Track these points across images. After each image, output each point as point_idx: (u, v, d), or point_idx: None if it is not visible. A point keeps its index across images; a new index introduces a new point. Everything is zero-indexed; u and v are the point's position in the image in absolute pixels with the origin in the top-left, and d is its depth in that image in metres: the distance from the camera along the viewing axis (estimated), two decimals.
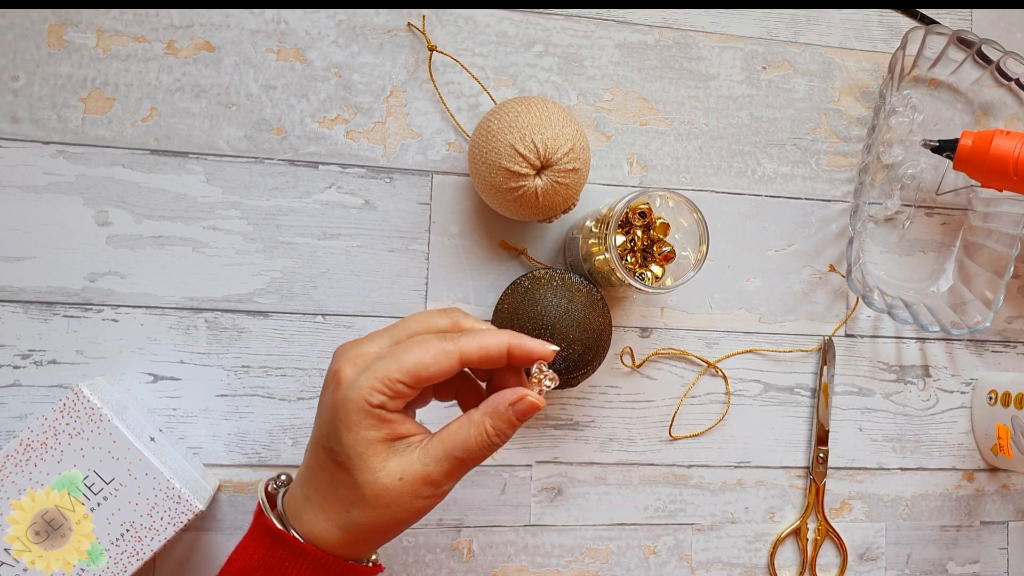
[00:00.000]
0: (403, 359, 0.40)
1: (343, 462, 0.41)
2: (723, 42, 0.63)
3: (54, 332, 0.54)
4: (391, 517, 0.41)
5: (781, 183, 0.64)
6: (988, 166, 0.60)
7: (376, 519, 0.41)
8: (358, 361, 0.41)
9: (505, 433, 0.42)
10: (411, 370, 0.40)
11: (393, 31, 0.59)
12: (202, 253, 0.56)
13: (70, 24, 0.55)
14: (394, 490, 0.41)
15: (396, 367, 0.40)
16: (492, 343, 0.42)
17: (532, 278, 0.55)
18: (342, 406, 0.40)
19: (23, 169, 0.54)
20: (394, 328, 0.43)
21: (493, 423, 0.42)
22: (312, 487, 0.43)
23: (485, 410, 0.42)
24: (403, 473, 0.41)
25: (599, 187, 0.61)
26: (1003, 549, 0.67)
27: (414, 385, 0.41)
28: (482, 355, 0.41)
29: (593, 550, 0.60)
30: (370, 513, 0.41)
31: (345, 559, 0.42)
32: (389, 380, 0.40)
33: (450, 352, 0.41)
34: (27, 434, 0.46)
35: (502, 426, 0.42)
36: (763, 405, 0.63)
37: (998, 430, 0.63)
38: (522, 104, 0.53)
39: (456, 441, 0.41)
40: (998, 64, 0.63)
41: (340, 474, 0.41)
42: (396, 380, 0.40)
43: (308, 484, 0.43)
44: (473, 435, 0.42)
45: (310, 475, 0.43)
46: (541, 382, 0.44)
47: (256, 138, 0.57)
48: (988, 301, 0.63)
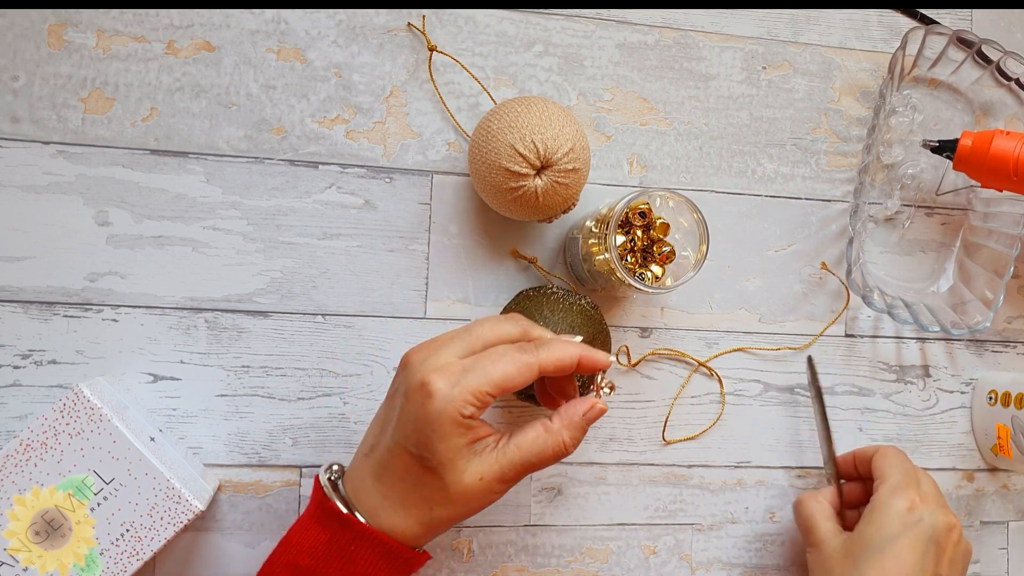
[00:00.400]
0: (491, 373, 0.44)
1: (434, 467, 0.44)
2: (723, 42, 0.63)
3: (54, 332, 0.54)
4: (467, 511, 0.45)
5: (781, 183, 0.64)
6: (988, 166, 0.60)
7: (455, 514, 0.45)
8: (446, 374, 0.44)
9: (578, 441, 0.47)
10: (499, 383, 0.44)
11: (393, 31, 0.59)
12: (202, 253, 0.56)
13: (70, 24, 0.55)
14: (475, 489, 0.44)
15: (487, 381, 0.43)
16: (567, 356, 0.46)
17: (541, 294, 0.56)
18: (437, 418, 0.43)
19: (23, 169, 0.54)
20: (467, 335, 0.46)
21: (571, 434, 0.46)
22: (391, 488, 0.45)
23: (562, 421, 0.46)
24: (483, 474, 0.44)
25: (599, 187, 0.61)
26: (1003, 549, 0.67)
27: (499, 396, 0.44)
28: (558, 366, 0.46)
29: (593, 550, 0.60)
30: (451, 510, 0.45)
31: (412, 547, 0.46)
32: (481, 393, 0.43)
33: (531, 365, 0.45)
34: (27, 434, 0.46)
35: (577, 435, 0.46)
36: (763, 405, 0.63)
37: (998, 430, 0.63)
38: (522, 104, 0.53)
39: (534, 449, 0.45)
40: (998, 64, 0.63)
41: (427, 477, 0.44)
42: (487, 393, 0.44)
43: (387, 484, 0.46)
44: (551, 444, 0.46)
45: (390, 476, 0.46)
46: (602, 389, 0.49)
47: (256, 138, 0.57)
48: (988, 301, 0.63)
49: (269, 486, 0.56)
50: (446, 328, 0.59)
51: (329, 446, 0.57)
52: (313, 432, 0.57)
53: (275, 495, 0.56)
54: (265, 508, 0.56)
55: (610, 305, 0.61)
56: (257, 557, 0.56)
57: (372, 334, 0.58)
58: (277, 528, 0.56)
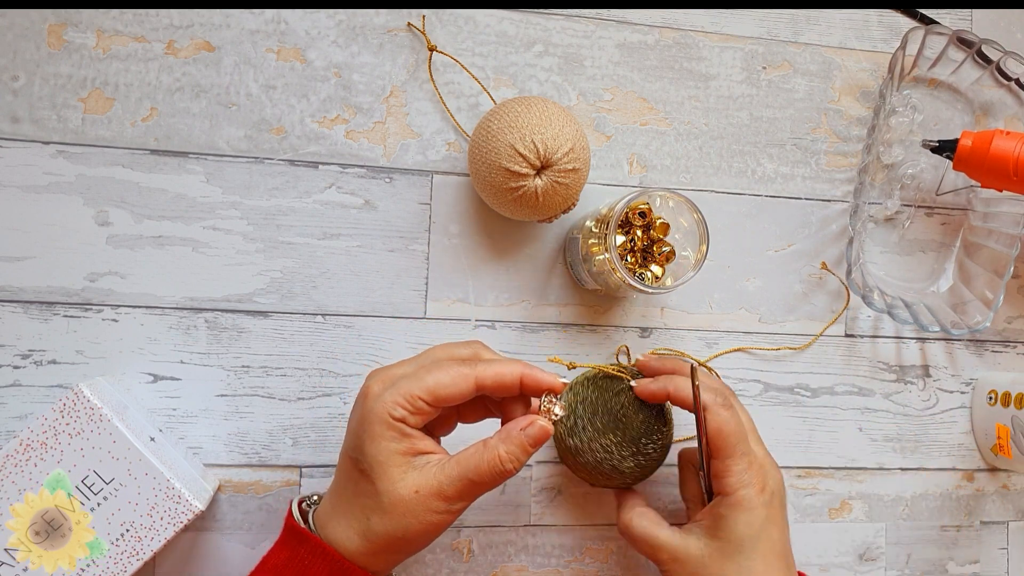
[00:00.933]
0: (424, 379, 0.44)
1: (366, 470, 0.44)
2: (723, 42, 0.63)
3: (54, 332, 0.54)
4: (406, 528, 0.44)
5: (781, 183, 0.64)
6: (988, 166, 0.60)
7: (392, 528, 0.44)
8: (385, 379, 0.46)
9: (517, 458, 0.46)
10: (431, 388, 0.44)
11: (393, 31, 0.59)
12: (202, 253, 0.56)
13: (70, 24, 0.55)
14: (410, 501, 0.44)
15: (418, 385, 0.44)
16: (506, 371, 0.46)
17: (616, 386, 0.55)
18: (367, 418, 0.44)
19: (23, 169, 0.54)
20: (420, 355, 0.48)
21: (507, 448, 0.45)
22: (338, 496, 0.46)
23: (499, 437, 0.46)
24: (419, 487, 0.44)
25: (599, 187, 0.61)
26: (1003, 549, 0.67)
27: (433, 403, 0.45)
28: (496, 381, 0.45)
29: (593, 550, 0.60)
30: (387, 522, 0.44)
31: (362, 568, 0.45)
32: (411, 396, 0.44)
33: (467, 375, 0.45)
34: (27, 434, 0.46)
35: (515, 451, 0.45)
36: (763, 405, 0.63)
37: (998, 430, 0.63)
38: (522, 104, 0.53)
39: (471, 463, 0.45)
40: (998, 64, 0.63)
41: (363, 483, 0.45)
42: (417, 396, 0.44)
43: (335, 494, 0.47)
44: (486, 459, 0.45)
45: (337, 486, 0.47)
46: (550, 411, 0.47)
47: (256, 138, 0.57)
48: (988, 301, 0.63)
49: (269, 486, 0.56)
50: (446, 328, 0.59)
51: (329, 446, 0.57)
52: (313, 432, 0.57)
53: (275, 495, 0.56)
54: (265, 508, 0.56)
55: (610, 305, 0.61)
56: (257, 557, 0.56)
57: (372, 334, 0.58)
58: (277, 528, 0.56)
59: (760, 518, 0.50)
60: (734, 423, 0.50)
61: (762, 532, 0.50)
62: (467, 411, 0.50)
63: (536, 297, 0.60)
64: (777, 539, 0.51)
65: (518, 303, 0.60)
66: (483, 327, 0.59)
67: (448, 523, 0.46)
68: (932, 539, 0.65)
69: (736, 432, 0.50)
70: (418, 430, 0.45)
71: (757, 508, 0.50)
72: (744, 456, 0.50)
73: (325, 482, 0.57)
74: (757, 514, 0.50)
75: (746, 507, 0.50)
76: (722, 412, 0.50)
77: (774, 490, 0.51)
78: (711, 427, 0.50)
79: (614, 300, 0.61)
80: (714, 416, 0.50)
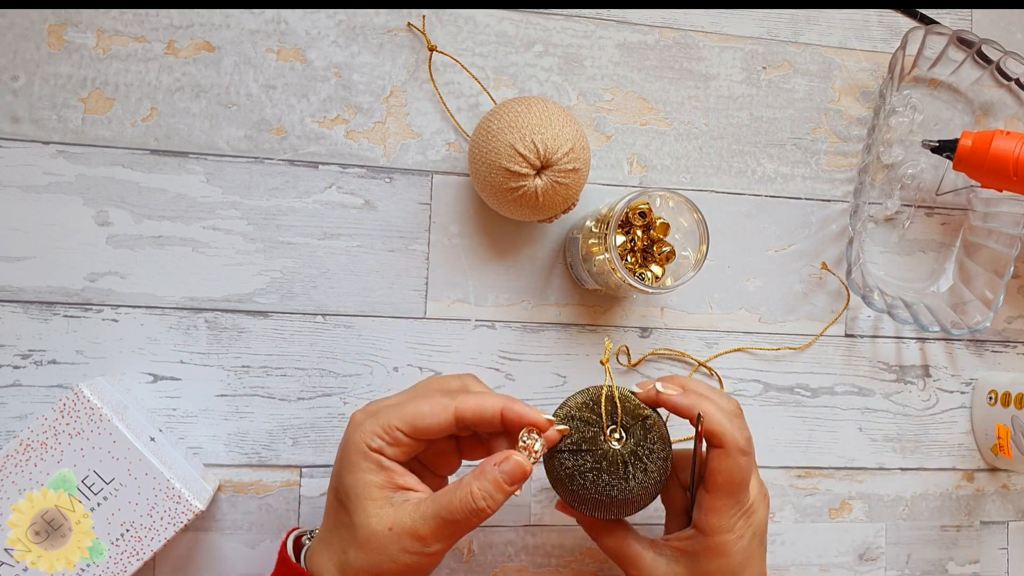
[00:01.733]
0: (404, 409, 0.43)
1: (343, 500, 0.44)
2: (723, 42, 0.63)
3: (54, 332, 0.54)
4: (379, 565, 0.43)
5: (781, 183, 0.64)
6: (988, 166, 0.60)
7: (367, 564, 0.43)
8: (369, 409, 0.45)
9: (491, 496, 0.43)
10: (409, 419, 0.43)
11: (393, 31, 0.59)
12: (202, 253, 0.56)
13: (70, 24, 0.55)
14: (383, 537, 0.42)
15: (397, 415, 0.43)
16: (487, 403, 0.44)
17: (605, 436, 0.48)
18: (346, 447, 0.44)
19: (23, 169, 0.54)
20: (412, 387, 0.47)
21: (479, 485, 0.43)
22: (323, 527, 0.46)
23: (473, 473, 0.44)
24: (393, 523, 0.42)
25: (599, 187, 0.61)
26: (1003, 549, 0.67)
27: (411, 435, 0.43)
28: (476, 413, 0.44)
29: (593, 550, 0.60)
30: (362, 557, 0.43)
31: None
32: (389, 427, 0.43)
33: (447, 406, 0.43)
34: (27, 434, 0.46)
35: (488, 487, 0.43)
36: (763, 405, 0.63)
37: (998, 430, 0.63)
38: (522, 104, 0.53)
39: (443, 501, 0.43)
40: (998, 64, 0.63)
41: (342, 514, 0.44)
42: (395, 427, 0.43)
43: (322, 526, 0.47)
44: (459, 496, 0.43)
45: (324, 518, 0.46)
46: (531, 447, 0.45)
47: (256, 138, 0.57)
48: (988, 301, 0.63)
49: (269, 486, 0.56)
50: (446, 328, 0.59)
51: (329, 446, 0.57)
52: (313, 432, 0.57)
53: (275, 495, 0.56)
54: (265, 508, 0.56)
55: (610, 305, 0.61)
56: (257, 557, 0.56)
57: (372, 334, 0.58)
58: (277, 528, 0.56)
59: (736, 563, 0.48)
60: (747, 471, 0.47)
61: (737, 573, 0.48)
62: (468, 448, 0.48)
63: (536, 297, 0.60)
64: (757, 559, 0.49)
65: (518, 303, 0.60)
66: (483, 327, 0.59)
67: (425, 566, 0.43)
68: (932, 539, 0.65)
69: (744, 480, 0.47)
70: (401, 464, 0.44)
71: (735, 554, 0.48)
72: (738, 503, 0.47)
73: (324, 482, 0.57)
74: (734, 559, 0.48)
75: (723, 553, 0.48)
76: (739, 458, 0.46)
77: (755, 531, 0.49)
78: (721, 467, 0.46)
79: (614, 300, 0.61)
80: (730, 459, 0.46)
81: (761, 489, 0.50)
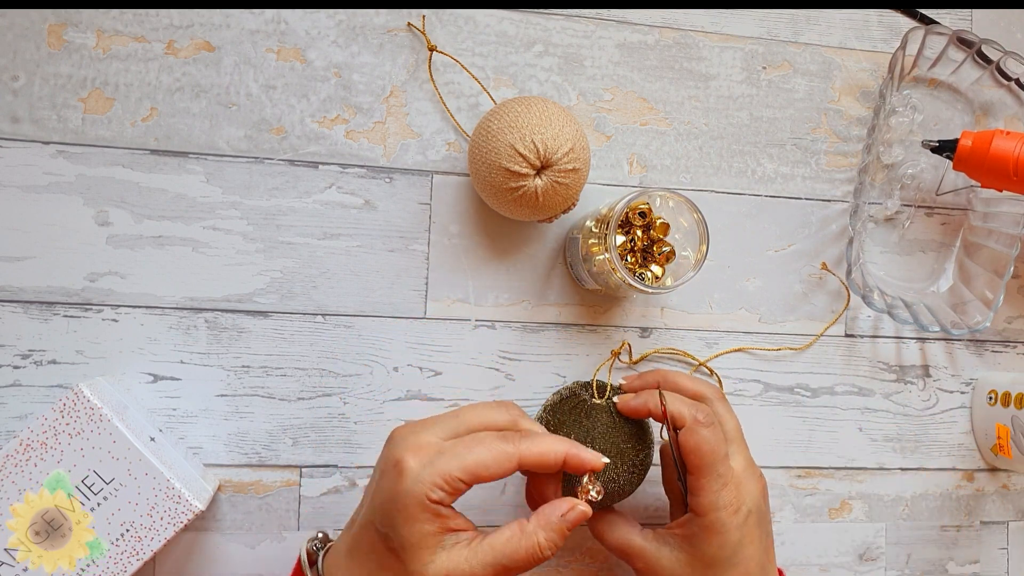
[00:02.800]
0: (465, 458, 0.42)
1: (395, 549, 0.42)
2: (723, 42, 0.63)
3: (54, 332, 0.54)
4: None
5: (781, 183, 0.64)
6: (988, 166, 0.60)
7: None
8: (421, 454, 0.43)
9: (556, 544, 0.44)
10: (471, 469, 0.42)
11: (393, 31, 0.59)
12: (202, 253, 0.56)
13: (70, 24, 0.55)
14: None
15: (458, 465, 0.42)
16: (550, 451, 0.44)
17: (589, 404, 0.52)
18: (403, 498, 0.42)
19: (23, 169, 0.54)
20: (453, 418, 0.45)
21: (547, 535, 0.43)
22: (359, 565, 0.44)
23: (538, 522, 0.44)
24: (449, 570, 0.42)
25: (599, 187, 0.61)
26: (1003, 549, 0.67)
27: (470, 483, 0.42)
28: (540, 461, 0.44)
29: (593, 550, 0.60)
30: None
31: None
32: (451, 478, 0.42)
33: (511, 455, 0.43)
34: (27, 434, 0.46)
35: (554, 537, 0.44)
36: (763, 405, 0.63)
37: (998, 430, 0.63)
38: (522, 104, 0.53)
39: (506, 550, 0.43)
40: (998, 64, 0.63)
41: (390, 560, 0.43)
42: (457, 478, 0.42)
43: (355, 561, 0.44)
44: (524, 547, 0.43)
45: (359, 554, 0.44)
46: (589, 492, 0.46)
47: (256, 138, 0.57)
48: (988, 301, 0.63)
49: (269, 486, 0.56)
50: (446, 328, 0.59)
51: (329, 446, 0.57)
52: (313, 432, 0.57)
53: (275, 495, 0.56)
54: (265, 508, 0.56)
55: (610, 305, 0.61)
56: (257, 557, 0.56)
57: (372, 334, 0.58)
58: (277, 528, 0.56)
59: (733, 540, 0.48)
60: (713, 442, 0.48)
61: (736, 553, 0.49)
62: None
63: (536, 297, 0.60)
64: (752, 556, 0.49)
65: (518, 303, 0.60)
66: (483, 327, 0.59)
67: None
68: (932, 539, 0.65)
69: (713, 451, 0.48)
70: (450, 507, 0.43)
71: (730, 531, 0.48)
72: (719, 477, 0.48)
73: (325, 482, 0.57)
74: (730, 536, 0.48)
75: (718, 531, 0.48)
76: (700, 431, 0.48)
77: (750, 508, 0.49)
78: (688, 445, 0.48)
79: (614, 300, 0.61)
80: (692, 435, 0.48)
81: (749, 467, 0.51)
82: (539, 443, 0.44)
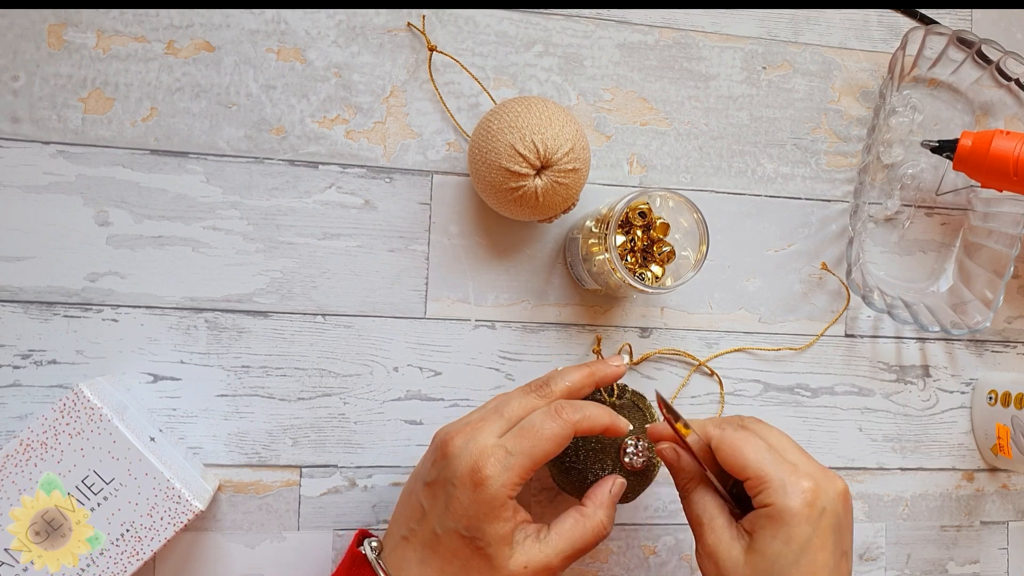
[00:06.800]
0: (534, 454, 0.46)
1: (483, 549, 0.45)
2: (723, 42, 0.63)
3: (54, 332, 0.54)
4: None
5: (781, 183, 0.64)
6: (988, 166, 0.60)
7: None
8: (493, 460, 0.46)
9: (612, 519, 0.49)
10: (541, 461, 0.46)
11: (393, 31, 0.59)
12: (202, 253, 0.56)
13: (70, 24, 0.55)
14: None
15: (530, 461, 0.46)
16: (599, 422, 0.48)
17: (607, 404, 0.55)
18: (490, 502, 0.45)
19: (23, 169, 0.54)
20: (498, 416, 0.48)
21: (605, 512, 0.49)
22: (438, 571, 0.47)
23: (595, 503, 0.49)
24: (527, 562, 0.46)
25: (599, 187, 0.61)
26: (1003, 549, 0.67)
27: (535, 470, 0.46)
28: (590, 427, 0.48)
29: (593, 550, 0.60)
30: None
31: None
32: (526, 472, 0.46)
33: (567, 434, 0.47)
34: (27, 434, 0.46)
35: (610, 512, 0.49)
36: (763, 405, 0.63)
37: (998, 430, 0.63)
38: (522, 104, 0.53)
39: (575, 535, 0.47)
40: (998, 64, 0.63)
41: (476, 561, 0.46)
42: (529, 471, 0.46)
43: (433, 568, 0.47)
44: (590, 527, 0.48)
45: (437, 560, 0.46)
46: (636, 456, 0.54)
47: (256, 138, 0.57)
48: (988, 301, 0.63)
49: (269, 486, 0.56)
50: (446, 328, 0.59)
51: (329, 446, 0.57)
52: (313, 432, 0.57)
53: (275, 495, 0.56)
54: (265, 508, 0.56)
55: (610, 305, 0.61)
56: (257, 557, 0.56)
57: (372, 334, 0.58)
58: (277, 528, 0.56)
59: (802, 536, 0.43)
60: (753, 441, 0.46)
61: (803, 554, 0.43)
62: None
63: (536, 297, 0.60)
64: (822, 567, 0.43)
65: (518, 303, 0.60)
66: (483, 327, 0.59)
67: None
68: (932, 539, 0.65)
69: (755, 445, 0.45)
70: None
71: (800, 524, 0.43)
72: (779, 465, 0.44)
73: (325, 482, 0.57)
74: (799, 530, 0.43)
75: (785, 521, 0.43)
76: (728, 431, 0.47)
77: (826, 507, 0.44)
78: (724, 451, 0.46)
79: (614, 300, 0.61)
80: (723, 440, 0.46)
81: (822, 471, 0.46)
82: (590, 417, 0.48)
